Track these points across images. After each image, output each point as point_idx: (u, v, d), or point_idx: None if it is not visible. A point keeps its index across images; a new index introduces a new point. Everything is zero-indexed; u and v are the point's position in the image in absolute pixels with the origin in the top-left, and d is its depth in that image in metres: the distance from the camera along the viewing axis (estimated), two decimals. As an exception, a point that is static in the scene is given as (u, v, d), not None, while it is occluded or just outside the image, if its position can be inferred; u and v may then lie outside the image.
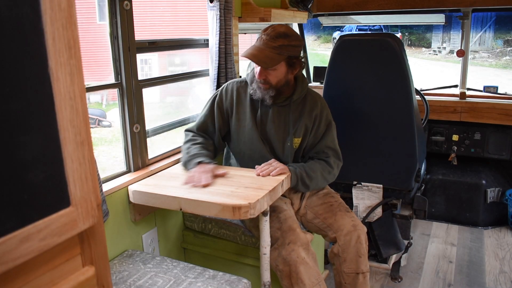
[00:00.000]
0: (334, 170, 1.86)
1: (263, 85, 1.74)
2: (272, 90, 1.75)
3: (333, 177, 1.87)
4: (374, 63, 2.16)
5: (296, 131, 1.82)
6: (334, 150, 1.87)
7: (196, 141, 1.85)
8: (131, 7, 1.68)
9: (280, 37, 1.68)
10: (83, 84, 0.63)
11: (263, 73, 1.72)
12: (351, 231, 1.75)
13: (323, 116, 1.85)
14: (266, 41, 1.68)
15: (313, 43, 9.32)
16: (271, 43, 1.67)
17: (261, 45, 1.70)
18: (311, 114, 1.83)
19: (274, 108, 1.82)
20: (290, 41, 1.69)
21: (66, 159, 0.62)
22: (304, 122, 1.82)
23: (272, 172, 1.69)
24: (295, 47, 1.72)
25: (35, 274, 0.62)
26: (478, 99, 3.00)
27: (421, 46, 11.17)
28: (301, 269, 1.60)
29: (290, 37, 1.70)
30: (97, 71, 3.13)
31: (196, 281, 1.49)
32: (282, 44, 1.67)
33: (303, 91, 1.83)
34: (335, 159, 1.86)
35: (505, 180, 3.03)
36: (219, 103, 1.88)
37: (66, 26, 0.59)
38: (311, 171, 1.77)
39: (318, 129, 1.84)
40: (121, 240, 1.72)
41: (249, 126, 1.83)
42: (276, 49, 1.67)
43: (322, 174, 1.81)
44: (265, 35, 1.70)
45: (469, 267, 2.50)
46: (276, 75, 1.73)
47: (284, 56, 1.69)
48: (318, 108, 1.84)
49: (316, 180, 1.79)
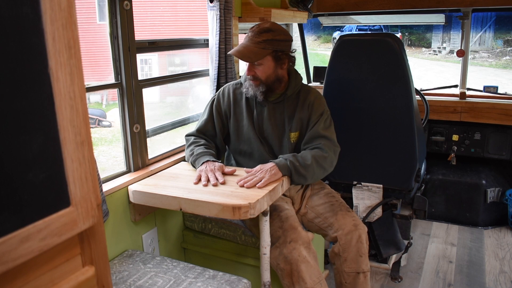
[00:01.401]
0: (330, 154, 1.75)
1: (254, 82, 1.77)
2: (262, 86, 1.77)
3: (330, 163, 1.76)
4: (374, 63, 2.16)
5: (292, 126, 1.83)
6: (325, 137, 1.78)
7: (199, 142, 1.87)
8: (131, 7, 1.68)
9: (264, 32, 1.71)
10: (83, 84, 0.63)
11: (251, 69, 1.75)
12: (352, 231, 1.76)
13: (315, 105, 1.83)
14: (251, 37, 1.72)
15: (313, 43, 9.32)
16: (255, 39, 1.71)
17: (246, 42, 1.73)
18: (304, 105, 1.83)
19: (270, 106, 1.83)
20: (275, 36, 1.71)
21: (66, 159, 0.62)
22: (299, 115, 1.83)
23: (258, 184, 1.57)
24: (281, 41, 1.73)
25: (35, 274, 0.62)
26: (478, 99, 3.00)
27: (421, 46, 11.16)
28: (302, 268, 1.60)
29: (275, 32, 1.72)
30: (97, 71, 3.12)
31: (196, 281, 1.49)
32: (266, 38, 1.70)
33: (297, 86, 1.85)
34: (329, 144, 1.77)
35: (505, 180, 3.02)
36: (217, 107, 1.91)
37: (66, 26, 0.59)
38: (304, 160, 1.69)
39: (311, 118, 1.82)
40: (121, 240, 1.72)
41: (246, 126, 1.85)
42: (260, 43, 1.70)
43: (316, 161, 1.70)
44: (251, 32, 1.73)
45: (469, 267, 2.50)
46: (264, 70, 1.75)
47: (268, 50, 1.71)
48: (311, 98, 1.84)
49: (312, 168, 1.69)
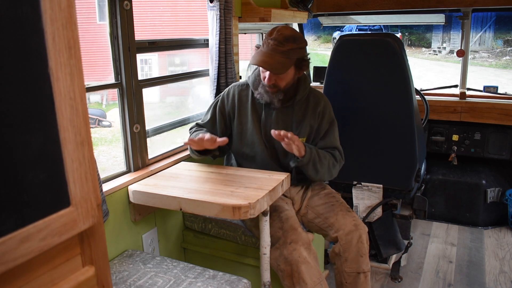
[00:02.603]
0: (337, 166, 1.84)
1: (271, 89, 1.73)
2: (281, 94, 1.75)
3: (335, 173, 1.85)
4: (374, 63, 2.16)
5: (300, 131, 1.82)
6: (339, 149, 1.87)
7: (201, 130, 1.89)
8: (131, 7, 1.68)
9: (288, 41, 1.66)
10: (83, 84, 0.63)
11: (272, 78, 1.70)
12: (353, 231, 1.76)
13: (326, 113, 1.85)
14: (274, 47, 1.66)
15: (313, 43, 9.31)
16: (280, 48, 1.65)
17: (269, 50, 1.66)
18: (315, 112, 1.83)
19: (278, 110, 1.81)
20: (298, 44, 1.68)
21: (66, 159, 0.62)
22: (309, 121, 1.82)
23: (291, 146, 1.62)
24: (302, 49, 1.72)
25: (35, 274, 0.62)
26: (478, 99, 3.00)
27: (421, 46, 11.15)
28: (302, 269, 1.60)
29: (297, 40, 1.69)
30: (97, 71, 3.12)
31: (196, 281, 1.49)
32: (291, 48, 1.66)
33: (306, 90, 1.84)
34: (339, 157, 1.86)
35: (505, 180, 3.02)
36: (221, 108, 1.90)
37: (66, 26, 0.59)
38: (323, 157, 1.77)
39: (321, 125, 1.84)
40: (121, 240, 1.72)
41: (251, 129, 1.83)
42: (285, 53, 1.65)
43: (328, 165, 1.79)
44: (272, 40, 1.66)
45: (469, 267, 2.50)
46: (285, 79, 1.72)
47: (293, 60, 1.68)
48: (321, 106, 1.85)
49: (324, 168, 1.77)
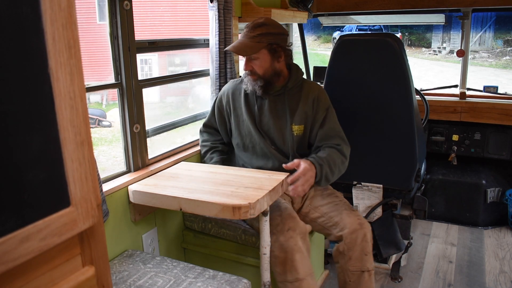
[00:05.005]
0: (347, 160, 1.85)
1: (251, 76, 1.81)
2: (260, 80, 1.80)
3: (344, 168, 1.85)
4: (374, 63, 2.16)
5: (295, 118, 1.84)
6: (341, 137, 1.87)
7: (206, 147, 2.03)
8: (131, 7, 1.68)
9: (258, 26, 1.75)
10: (83, 84, 0.63)
11: (248, 64, 1.79)
12: (357, 229, 1.75)
13: (321, 100, 1.87)
14: (246, 33, 1.76)
15: (313, 43, 9.32)
16: (250, 34, 1.75)
17: (242, 37, 1.78)
18: (308, 99, 1.85)
19: (270, 98, 1.86)
20: (269, 29, 1.75)
21: (66, 159, 0.62)
22: (303, 108, 1.85)
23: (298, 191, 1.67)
24: (276, 35, 1.76)
25: (35, 274, 0.62)
26: (478, 99, 3.00)
27: (421, 46, 11.16)
28: (297, 257, 1.61)
29: (269, 26, 1.76)
30: (97, 71, 3.12)
31: (196, 281, 1.49)
32: (261, 32, 1.73)
33: (298, 79, 1.87)
34: (346, 146, 1.85)
35: (505, 180, 3.02)
36: (219, 105, 1.99)
37: (66, 26, 0.59)
38: (333, 165, 1.77)
39: (318, 113, 1.86)
40: (121, 240, 1.72)
41: (246, 120, 1.89)
42: (255, 38, 1.74)
43: (339, 167, 1.81)
44: (246, 28, 1.78)
45: (469, 267, 2.49)
46: (260, 65, 1.77)
47: (263, 43, 1.74)
48: (315, 92, 1.87)
49: (335, 174, 1.80)
